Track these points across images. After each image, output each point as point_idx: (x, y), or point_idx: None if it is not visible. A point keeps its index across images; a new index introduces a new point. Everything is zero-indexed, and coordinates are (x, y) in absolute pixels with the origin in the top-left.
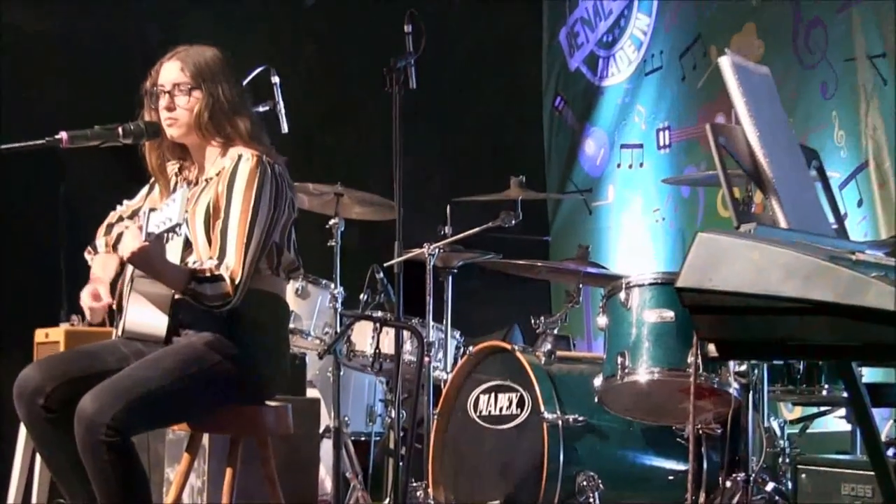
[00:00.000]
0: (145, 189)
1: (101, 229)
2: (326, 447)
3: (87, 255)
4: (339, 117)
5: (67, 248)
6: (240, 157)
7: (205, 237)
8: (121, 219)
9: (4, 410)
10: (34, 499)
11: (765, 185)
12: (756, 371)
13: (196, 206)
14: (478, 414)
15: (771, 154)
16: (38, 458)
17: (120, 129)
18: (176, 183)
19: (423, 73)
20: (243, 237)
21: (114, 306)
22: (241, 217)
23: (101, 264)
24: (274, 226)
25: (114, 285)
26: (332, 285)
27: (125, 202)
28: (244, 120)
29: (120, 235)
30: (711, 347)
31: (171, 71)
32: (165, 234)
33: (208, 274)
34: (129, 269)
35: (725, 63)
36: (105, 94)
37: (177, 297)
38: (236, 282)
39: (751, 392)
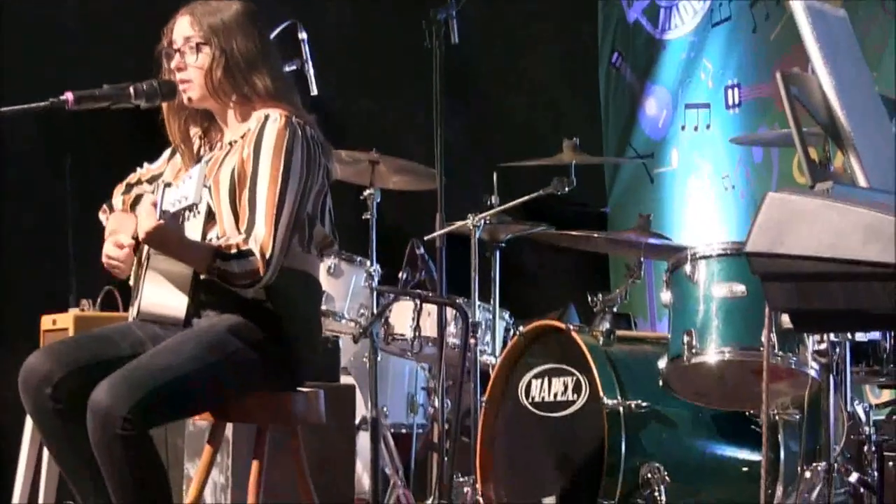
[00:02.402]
0: (167, 153)
1: (119, 188)
2: (363, 440)
3: (101, 216)
4: (373, 77)
5: (75, 225)
6: (266, 117)
7: (230, 209)
8: (140, 181)
9: (9, 402)
10: (41, 498)
11: (842, 140)
12: (838, 350)
13: (220, 174)
14: (530, 401)
15: (849, 106)
16: (45, 453)
17: (132, 89)
18: (199, 147)
19: (466, 26)
20: (273, 206)
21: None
22: (271, 184)
23: (117, 221)
24: (307, 194)
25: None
26: (368, 262)
27: (146, 165)
28: (263, 77)
29: (139, 197)
30: (785, 318)
31: (182, 27)
32: (182, 214)
33: (234, 250)
34: (145, 246)
35: (798, 6)
36: (119, 55)
37: (200, 275)
38: (267, 256)
39: (832, 373)
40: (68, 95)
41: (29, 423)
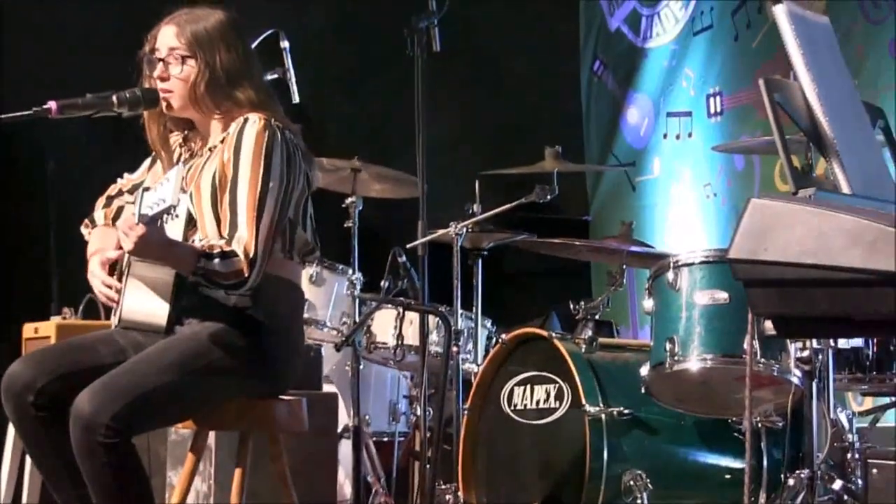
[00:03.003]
0: (147, 162)
1: (100, 201)
2: (345, 448)
3: (83, 230)
4: (355, 85)
5: (57, 232)
6: (245, 120)
7: (212, 214)
8: (121, 192)
9: None
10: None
11: (825, 146)
12: (820, 357)
13: (200, 180)
14: (512, 408)
15: (832, 112)
16: (27, 460)
17: (114, 97)
18: (179, 155)
19: (448, 34)
20: (254, 208)
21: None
22: (251, 186)
23: (99, 237)
24: (289, 196)
25: (113, 267)
26: (350, 271)
27: (126, 175)
28: (246, 90)
29: (121, 209)
30: (768, 324)
31: (166, 36)
32: (160, 217)
33: (217, 250)
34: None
35: (781, 11)
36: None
37: (188, 280)
38: (251, 256)
39: (815, 380)
40: (51, 104)
41: (11, 430)
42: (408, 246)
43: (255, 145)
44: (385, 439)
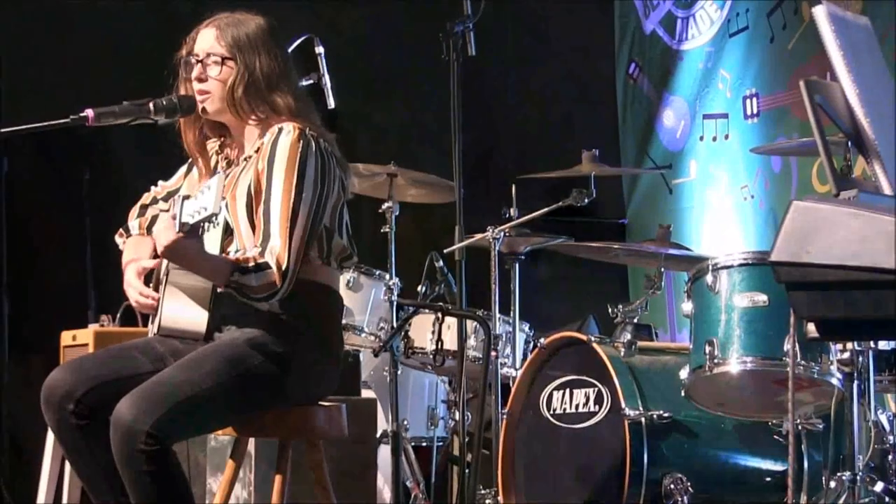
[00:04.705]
0: (183, 169)
1: (134, 211)
2: (384, 453)
3: (118, 239)
4: (391, 90)
5: (94, 240)
6: (280, 130)
7: (248, 223)
8: (155, 200)
9: (31, 417)
10: None
11: (866, 147)
12: (861, 358)
13: (236, 190)
14: (551, 412)
15: (873, 113)
16: (67, 468)
17: (151, 105)
18: (216, 162)
19: (483, 38)
20: (287, 218)
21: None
22: (284, 195)
23: (133, 247)
24: (323, 205)
25: (148, 276)
26: (387, 276)
27: (160, 183)
28: (285, 96)
29: (155, 218)
30: (811, 327)
31: (206, 38)
32: (200, 226)
33: (252, 263)
34: (164, 261)
35: (821, 13)
36: (133, 67)
37: (218, 289)
38: (283, 267)
39: (856, 382)
40: (88, 112)
41: (51, 437)
42: (445, 251)
43: (289, 155)
44: (424, 444)
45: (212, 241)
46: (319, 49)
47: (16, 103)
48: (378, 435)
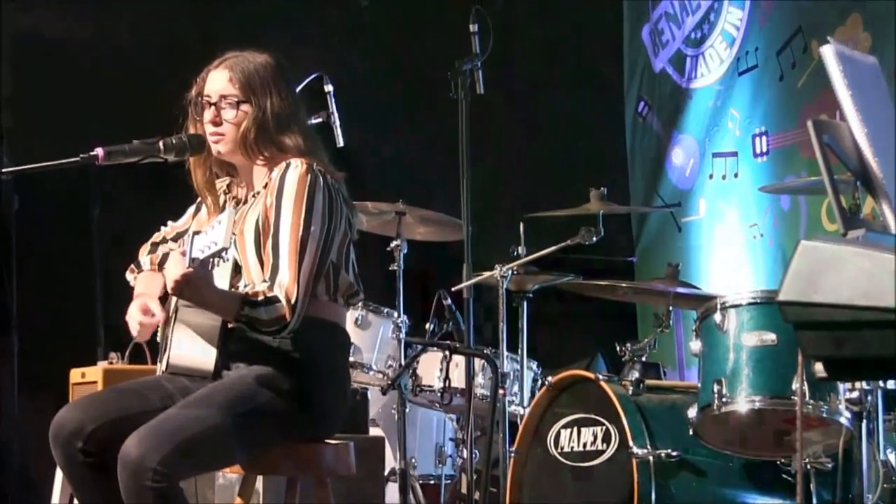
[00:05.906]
0: (192, 209)
1: (145, 248)
2: (392, 491)
3: (129, 275)
4: (399, 128)
5: (103, 277)
6: (288, 165)
7: (256, 259)
8: (165, 240)
9: (41, 453)
10: None
11: (874, 186)
12: (870, 398)
13: (244, 225)
14: (559, 451)
15: (881, 153)
16: (76, 503)
17: (161, 144)
18: (225, 201)
19: (492, 76)
20: (296, 252)
21: (161, 325)
22: (293, 229)
23: (145, 282)
24: (331, 240)
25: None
26: (395, 314)
27: (170, 223)
28: (294, 136)
29: (166, 255)
30: (819, 367)
31: (218, 80)
32: (211, 260)
33: (261, 297)
34: (173, 298)
35: (829, 52)
36: (142, 105)
37: (229, 326)
38: (292, 301)
39: (864, 421)
40: (98, 151)
41: (59, 474)
42: (453, 289)
43: (297, 189)
44: (431, 482)
45: (221, 277)
46: (329, 87)
47: (27, 141)
48: (386, 472)
